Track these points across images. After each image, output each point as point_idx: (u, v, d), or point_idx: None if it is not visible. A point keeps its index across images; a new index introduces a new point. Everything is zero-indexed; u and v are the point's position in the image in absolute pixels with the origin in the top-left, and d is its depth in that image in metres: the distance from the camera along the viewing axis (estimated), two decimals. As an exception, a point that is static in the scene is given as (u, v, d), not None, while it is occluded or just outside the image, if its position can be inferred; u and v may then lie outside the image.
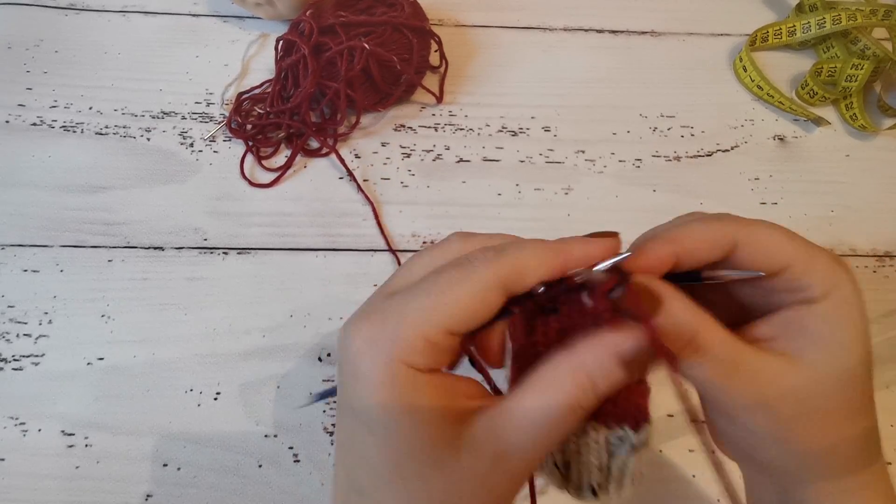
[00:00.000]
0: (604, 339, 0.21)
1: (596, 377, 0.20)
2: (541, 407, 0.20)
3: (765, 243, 0.22)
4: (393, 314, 0.20)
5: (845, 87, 0.52)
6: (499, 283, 0.20)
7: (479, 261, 0.21)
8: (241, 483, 0.38)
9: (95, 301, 0.43)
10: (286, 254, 0.45)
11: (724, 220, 0.23)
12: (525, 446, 0.20)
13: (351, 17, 0.48)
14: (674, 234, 0.23)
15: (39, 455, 0.38)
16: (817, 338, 0.22)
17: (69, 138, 0.49)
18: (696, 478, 0.39)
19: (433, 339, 0.20)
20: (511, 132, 0.52)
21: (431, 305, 0.20)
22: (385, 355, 0.20)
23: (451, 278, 0.20)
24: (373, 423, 0.20)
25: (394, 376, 0.20)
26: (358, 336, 0.21)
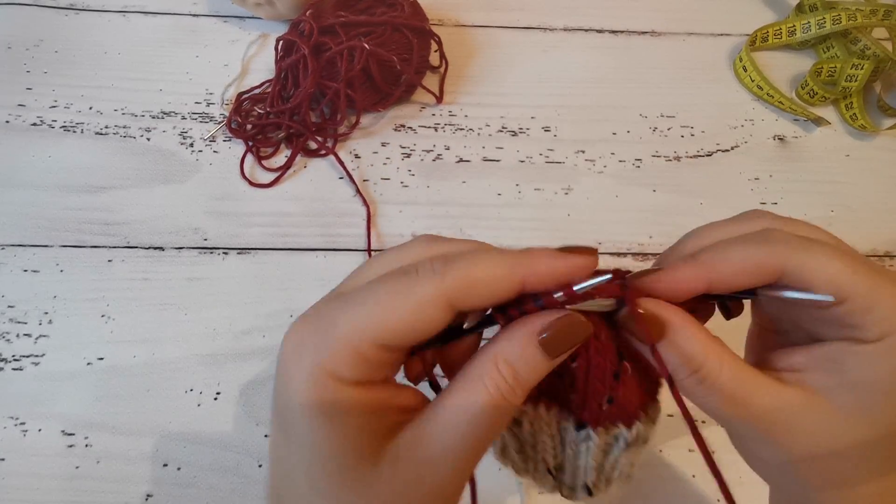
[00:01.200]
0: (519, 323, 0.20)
1: (516, 364, 0.19)
2: (462, 406, 0.19)
3: (819, 274, 0.20)
4: (325, 321, 0.19)
5: (845, 87, 0.52)
6: (442, 298, 0.19)
7: (424, 272, 0.19)
8: (241, 483, 0.38)
9: (95, 301, 0.43)
10: (286, 254, 0.45)
11: (772, 244, 0.21)
12: (450, 448, 0.19)
13: (351, 17, 0.48)
14: (710, 259, 0.21)
15: (39, 455, 0.38)
16: (854, 382, 0.20)
17: (69, 138, 0.49)
18: (696, 478, 0.39)
19: (364, 352, 0.19)
20: (511, 132, 0.52)
21: (364, 317, 0.19)
22: (311, 363, 0.19)
23: (390, 289, 0.19)
24: (292, 431, 0.19)
25: (316, 386, 0.19)
26: (291, 338, 0.20)
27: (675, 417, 0.40)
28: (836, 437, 0.21)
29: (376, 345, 0.19)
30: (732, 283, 0.21)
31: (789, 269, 0.20)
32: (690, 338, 0.21)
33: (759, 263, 0.21)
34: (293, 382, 0.19)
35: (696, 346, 0.20)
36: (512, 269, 0.19)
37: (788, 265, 0.20)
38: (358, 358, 0.19)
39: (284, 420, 0.20)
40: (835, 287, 0.20)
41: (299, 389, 0.19)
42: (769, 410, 0.21)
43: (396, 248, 0.22)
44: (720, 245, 0.22)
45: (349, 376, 0.19)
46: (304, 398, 0.19)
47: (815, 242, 0.21)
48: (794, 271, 0.20)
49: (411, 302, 0.19)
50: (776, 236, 0.21)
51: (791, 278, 0.20)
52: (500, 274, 0.19)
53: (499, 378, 0.19)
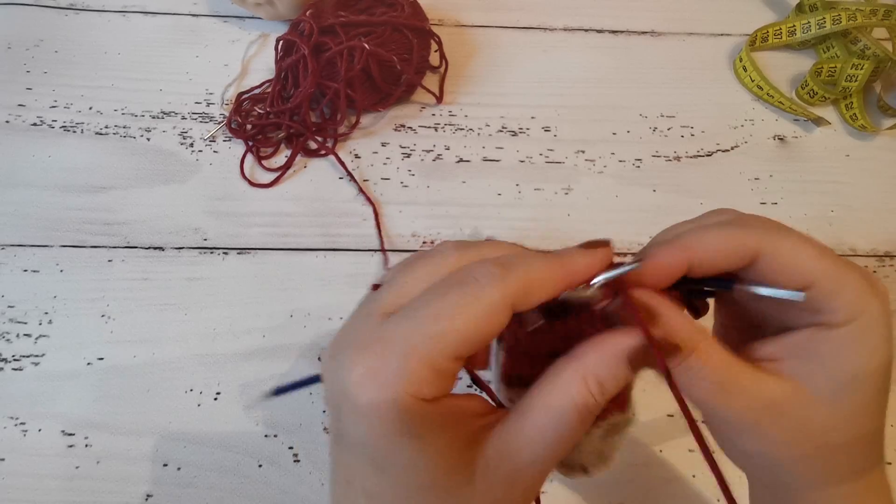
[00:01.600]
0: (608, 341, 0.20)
1: (604, 380, 0.20)
2: (550, 419, 0.20)
3: (790, 257, 0.21)
4: (397, 343, 0.19)
5: (845, 87, 0.52)
6: (507, 301, 0.19)
7: (486, 279, 0.19)
8: (241, 483, 0.38)
9: (95, 301, 0.43)
10: (286, 254, 0.45)
11: (747, 228, 0.22)
12: (538, 461, 0.20)
13: (351, 17, 0.48)
14: (687, 240, 0.22)
15: (39, 455, 0.38)
16: (829, 366, 0.21)
17: (69, 138, 0.49)
18: (696, 478, 0.39)
19: (441, 367, 0.19)
20: (511, 132, 0.52)
21: (440, 333, 0.19)
22: (390, 389, 0.19)
23: (458, 301, 0.19)
24: (380, 458, 0.19)
25: (402, 410, 0.19)
26: (356, 367, 0.19)
27: (675, 417, 0.40)
28: (818, 424, 0.21)
29: (452, 357, 0.19)
30: (712, 264, 0.22)
31: (765, 251, 0.21)
32: (680, 324, 0.21)
33: (737, 245, 0.21)
34: (374, 410, 0.19)
35: (684, 334, 0.21)
36: (559, 272, 0.21)
37: (764, 247, 0.21)
38: (436, 374, 0.19)
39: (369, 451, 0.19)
40: (804, 269, 0.21)
41: (382, 417, 0.19)
42: (756, 400, 0.21)
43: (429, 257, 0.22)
44: (698, 229, 0.22)
45: (431, 394, 0.19)
46: (391, 426, 0.19)
47: (788, 229, 0.22)
48: (769, 253, 0.21)
49: (483, 311, 0.19)
50: (751, 221, 0.22)
51: (766, 261, 0.21)
52: (551, 276, 0.20)
53: (587, 394, 0.20)
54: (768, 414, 0.21)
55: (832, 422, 0.21)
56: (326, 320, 0.43)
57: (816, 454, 0.22)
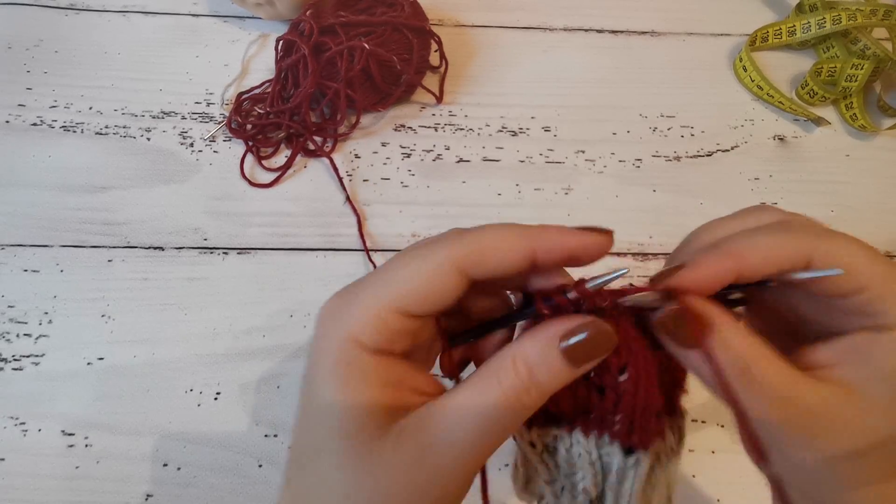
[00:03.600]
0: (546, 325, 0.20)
1: (536, 367, 0.19)
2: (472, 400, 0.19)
3: (843, 262, 0.20)
4: (352, 293, 0.21)
5: (845, 87, 0.52)
6: (454, 263, 0.19)
7: (440, 242, 0.20)
8: (241, 483, 0.38)
9: (95, 301, 0.43)
10: (286, 254, 0.45)
11: (798, 233, 0.21)
12: (455, 440, 0.19)
13: (351, 17, 0.48)
14: (737, 247, 0.21)
15: (39, 455, 0.38)
16: (884, 370, 0.20)
17: (69, 138, 0.49)
18: (695, 478, 0.39)
19: (385, 318, 0.19)
20: (511, 132, 0.52)
21: (384, 283, 0.20)
22: (339, 328, 0.20)
23: (408, 259, 0.20)
24: (313, 395, 0.20)
25: (342, 349, 0.20)
26: (324, 311, 0.21)
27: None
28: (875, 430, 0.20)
29: (397, 311, 0.19)
30: (762, 271, 0.21)
31: (817, 256, 0.20)
32: (737, 336, 0.20)
33: (790, 251, 0.20)
34: (322, 350, 0.20)
35: (742, 344, 0.20)
36: (523, 239, 0.20)
37: (816, 252, 0.20)
38: (381, 325, 0.19)
39: (311, 386, 0.20)
40: (857, 273, 0.20)
41: (326, 355, 0.20)
42: (813, 408, 0.20)
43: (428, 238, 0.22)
44: (744, 234, 0.21)
45: (371, 343, 0.20)
46: (329, 363, 0.20)
47: (837, 233, 0.21)
48: (822, 258, 0.20)
49: (425, 267, 0.19)
50: (797, 226, 0.21)
51: (817, 266, 0.20)
52: (510, 242, 0.20)
53: (514, 377, 0.19)
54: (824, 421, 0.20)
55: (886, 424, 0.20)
56: (326, 320, 0.43)
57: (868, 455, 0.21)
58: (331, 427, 0.20)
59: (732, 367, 0.20)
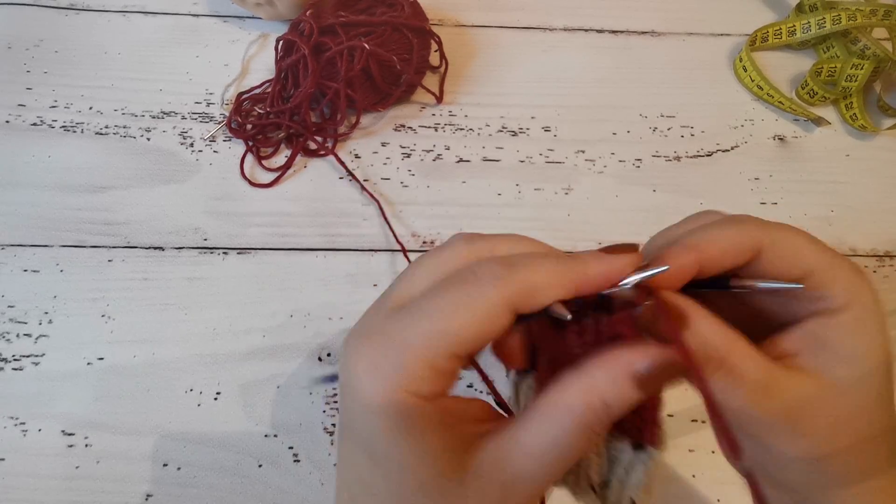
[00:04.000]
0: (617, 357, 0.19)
1: (609, 399, 0.19)
2: (550, 433, 0.19)
3: (788, 249, 0.21)
4: (396, 338, 0.19)
5: (845, 87, 0.52)
6: (508, 303, 0.19)
7: (487, 278, 0.19)
8: (241, 483, 0.38)
9: (95, 301, 0.43)
10: (286, 254, 0.45)
11: (747, 224, 0.22)
12: (533, 475, 0.19)
13: (351, 17, 0.48)
14: (696, 240, 0.21)
15: (39, 455, 0.38)
16: (841, 352, 0.21)
17: (69, 138, 0.49)
18: (695, 478, 0.39)
19: (438, 365, 0.19)
20: (511, 132, 0.52)
21: (437, 330, 0.19)
22: (388, 383, 0.19)
23: (456, 299, 0.19)
24: (376, 452, 0.19)
25: (398, 406, 0.19)
26: (360, 359, 0.19)
27: (675, 417, 0.40)
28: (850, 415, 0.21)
29: (451, 356, 0.19)
30: (721, 262, 0.21)
31: (766, 246, 0.21)
32: (711, 327, 0.20)
33: (742, 241, 0.21)
34: (373, 403, 0.19)
35: (718, 335, 0.20)
36: (569, 275, 0.20)
37: (765, 241, 0.21)
38: (433, 372, 0.19)
39: (366, 442, 0.20)
40: (802, 259, 0.21)
41: (380, 411, 0.19)
42: (792, 399, 0.21)
43: (440, 250, 0.22)
44: (701, 229, 0.22)
45: (428, 391, 0.19)
46: (386, 419, 0.19)
47: (782, 224, 0.22)
48: (769, 247, 0.21)
49: (480, 311, 0.19)
50: (746, 219, 0.22)
51: (766, 255, 0.21)
52: (558, 279, 0.20)
53: (589, 412, 0.19)
54: (804, 411, 0.21)
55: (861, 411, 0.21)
56: (326, 320, 0.43)
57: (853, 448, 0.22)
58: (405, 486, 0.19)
59: (709, 358, 0.20)
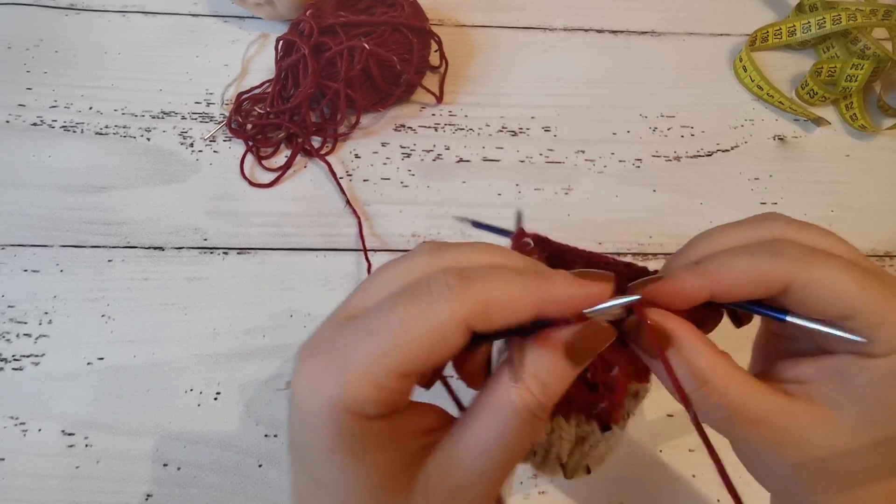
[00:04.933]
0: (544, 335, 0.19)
1: (545, 378, 0.19)
2: (490, 427, 0.19)
3: (827, 290, 0.20)
4: (339, 355, 0.18)
5: (845, 87, 0.52)
6: (460, 322, 0.18)
7: (439, 294, 0.18)
8: (241, 483, 0.38)
9: (95, 301, 0.43)
10: (286, 254, 0.45)
11: (779, 257, 0.20)
12: (481, 474, 0.19)
13: (351, 17, 0.48)
14: (712, 267, 0.21)
15: (39, 455, 0.38)
16: (863, 396, 0.20)
17: (69, 138, 0.49)
18: (695, 478, 0.39)
19: (382, 383, 0.18)
20: (511, 132, 0.52)
21: (381, 349, 0.17)
22: (329, 402, 0.18)
23: (404, 313, 0.18)
24: (318, 474, 0.19)
25: (339, 426, 0.18)
26: (304, 374, 0.18)
27: (675, 417, 0.40)
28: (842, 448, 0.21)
29: (395, 375, 0.18)
30: (735, 293, 0.21)
31: (796, 284, 0.20)
32: (697, 352, 0.21)
33: (764, 276, 0.20)
34: (313, 424, 0.18)
35: (703, 360, 0.20)
36: (530, 294, 0.18)
37: (795, 280, 0.20)
38: (377, 390, 0.18)
39: (308, 462, 0.19)
40: (844, 302, 0.20)
41: (321, 431, 0.18)
42: (777, 424, 0.21)
43: (401, 260, 0.20)
44: (726, 254, 0.21)
45: (371, 411, 0.18)
46: (326, 440, 0.18)
47: (826, 255, 0.20)
48: (801, 286, 0.20)
49: (428, 327, 0.17)
50: (785, 248, 0.20)
51: (797, 292, 0.20)
52: (518, 298, 0.18)
53: (527, 395, 0.19)
54: (791, 438, 0.21)
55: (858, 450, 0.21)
56: (326, 320, 0.43)
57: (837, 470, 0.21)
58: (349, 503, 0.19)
59: (691, 378, 0.20)
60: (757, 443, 0.21)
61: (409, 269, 0.20)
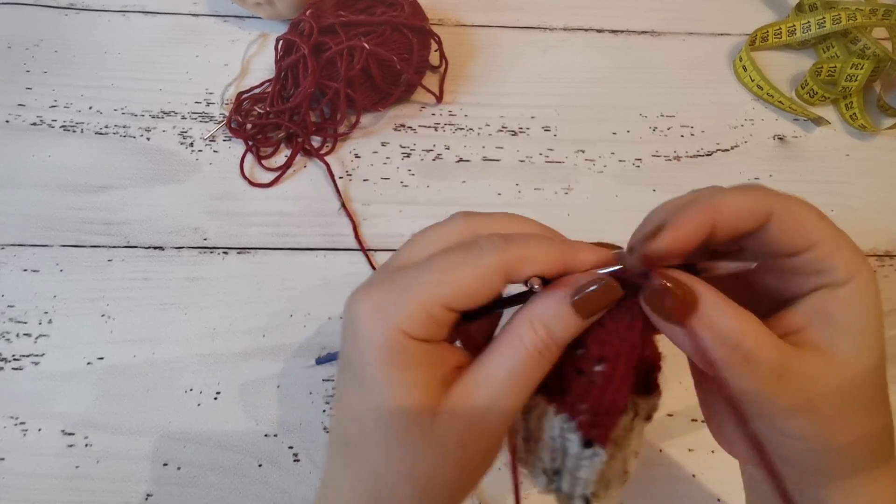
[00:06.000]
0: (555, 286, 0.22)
1: (550, 323, 0.21)
2: (507, 364, 0.21)
3: (797, 218, 0.22)
4: (399, 285, 0.21)
5: (845, 86, 0.52)
6: (502, 268, 0.21)
7: (487, 246, 0.21)
8: (241, 483, 0.38)
9: (95, 301, 0.43)
10: (286, 254, 0.45)
11: (760, 191, 0.23)
12: (496, 400, 0.21)
13: (351, 16, 0.48)
14: (713, 202, 0.22)
15: (39, 455, 0.38)
16: (845, 327, 0.21)
17: (69, 138, 0.49)
18: (696, 478, 0.39)
19: (433, 312, 0.21)
20: (511, 132, 0.52)
21: (436, 281, 0.21)
22: (386, 321, 0.21)
23: (458, 259, 0.21)
24: (366, 381, 0.21)
25: (391, 341, 0.21)
26: (364, 302, 0.22)
27: (674, 417, 0.40)
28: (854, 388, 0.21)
29: (445, 306, 0.21)
30: (734, 224, 0.22)
31: (776, 213, 0.22)
32: (725, 311, 0.20)
33: (755, 204, 0.22)
34: (370, 338, 0.21)
35: (731, 319, 0.20)
36: (559, 254, 0.22)
37: (776, 208, 0.22)
38: (428, 319, 0.21)
39: (359, 371, 0.22)
40: (810, 229, 0.22)
41: (376, 345, 0.21)
42: (804, 376, 0.21)
43: (439, 225, 0.24)
44: (713, 190, 0.23)
45: (420, 334, 0.21)
46: (381, 353, 0.21)
47: (792, 196, 0.23)
48: (780, 214, 0.22)
49: (477, 270, 0.21)
50: (762, 187, 0.23)
51: (777, 222, 0.22)
52: (550, 256, 0.22)
53: (534, 336, 0.21)
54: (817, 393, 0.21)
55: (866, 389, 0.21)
56: (326, 320, 0.43)
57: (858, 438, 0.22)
58: (388, 409, 0.21)
59: (721, 344, 0.20)
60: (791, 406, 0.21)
61: (449, 232, 0.24)
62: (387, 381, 0.21)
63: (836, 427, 0.21)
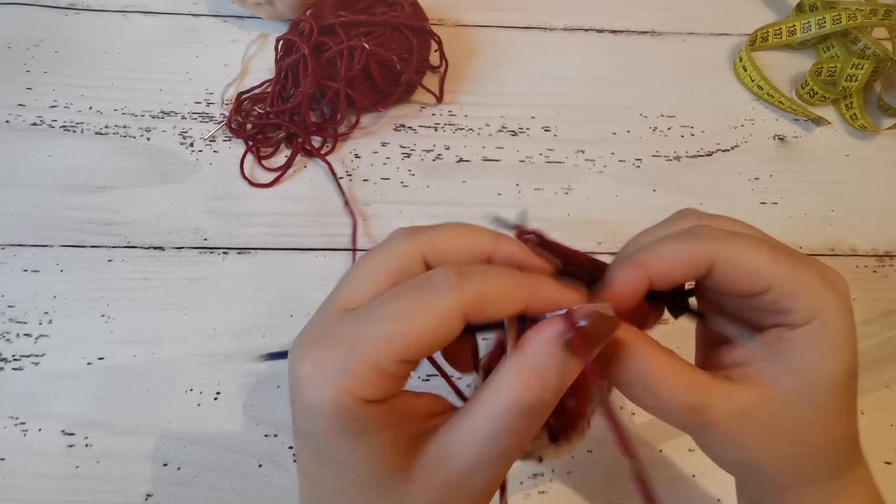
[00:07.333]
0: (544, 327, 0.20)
1: (545, 372, 0.19)
2: (486, 420, 0.19)
3: (744, 264, 0.21)
4: (344, 340, 0.19)
5: (845, 86, 0.52)
6: (460, 311, 0.19)
7: (441, 286, 0.19)
8: (241, 483, 0.38)
9: (95, 301, 0.43)
10: (286, 254, 0.45)
11: (700, 238, 0.22)
12: (481, 464, 0.19)
13: (351, 16, 0.48)
14: (643, 256, 0.22)
15: (39, 455, 0.38)
16: (793, 366, 0.21)
17: (69, 138, 0.49)
18: (695, 478, 0.39)
19: (386, 368, 0.19)
20: (511, 132, 0.52)
21: (386, 334, 0.18)
22: (332, 385, 0.19)
23: (408, 304, 0.19)
24: (324, 453, 0.20)
25: (341, 408, 0.19)
26: (305, 362, 0.19)
27: (675, 417, 0.40)
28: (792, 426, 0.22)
29: (399, 361, 0.19)
30: (670, 276, 0.22)
31: (718, 262, 0.21)
32: (638, 354, 0.21)
33: (691, 257, 0.22)
34: (318, 406, 0.19)
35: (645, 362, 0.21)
36: (521, 292, 0.20)
37: (717, 258, 0.21)
38: (380, 377, 0.19)
39: (314, 443, 0.20)
40: (759, 274, 0.21)
41: (325, 413, 0.19)
42: (726, 413, 0.21)
43: (381, 249, 0.21)
44: (653, 244, 0.23)
45: (373, 395, 0.19)
46: (331, 422, 0.19)
47: (739, 235, 0.22)
48: (723, 262, 0.21)
49: (433, 316, 0.19)
50: (704, 232, 0.22)
51: (721, 269, 0.21)
52: (511, 294, 0.20)
53: (526, 390, 0.19)
54: (740, 422, 0.22)
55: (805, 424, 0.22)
56: (326, 320, 0.43)
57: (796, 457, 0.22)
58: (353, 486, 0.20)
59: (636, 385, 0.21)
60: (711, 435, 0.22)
61: (391, 258, 0.21)
62: (344, 453, 0.19)
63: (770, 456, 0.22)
